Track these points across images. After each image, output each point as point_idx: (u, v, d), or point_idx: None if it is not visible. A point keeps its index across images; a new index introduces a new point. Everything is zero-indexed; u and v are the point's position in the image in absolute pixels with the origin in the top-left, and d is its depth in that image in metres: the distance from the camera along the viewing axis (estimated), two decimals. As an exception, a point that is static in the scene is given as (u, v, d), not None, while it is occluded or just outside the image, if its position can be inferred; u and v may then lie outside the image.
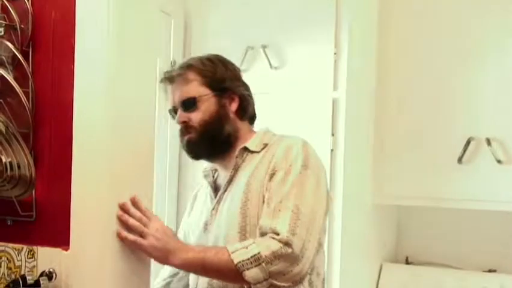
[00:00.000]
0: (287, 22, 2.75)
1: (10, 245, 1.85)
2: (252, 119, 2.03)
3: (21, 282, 1.72)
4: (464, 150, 2.73)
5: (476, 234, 3.03)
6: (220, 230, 1.87)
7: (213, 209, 1.93)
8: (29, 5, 1.80)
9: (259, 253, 1.67)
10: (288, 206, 1.74)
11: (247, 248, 1.70)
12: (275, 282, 1.69)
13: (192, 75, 1.91)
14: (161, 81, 1.99)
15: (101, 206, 1.72)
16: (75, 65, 1.73)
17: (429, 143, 2.82)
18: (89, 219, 1.72)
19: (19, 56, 1.79)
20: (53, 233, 1.79)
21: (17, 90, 1.78)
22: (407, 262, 3.15)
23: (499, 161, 2.66)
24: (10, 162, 1.77)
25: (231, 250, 1.71)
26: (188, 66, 1.93)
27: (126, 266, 1.76)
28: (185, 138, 1.92)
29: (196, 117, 1.89)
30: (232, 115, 1.94)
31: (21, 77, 1.80)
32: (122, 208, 1.72)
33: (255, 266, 1.67)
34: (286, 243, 1.68)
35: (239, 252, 1.69)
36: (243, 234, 1.81)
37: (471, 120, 2.75)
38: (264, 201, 1.79)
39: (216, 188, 2.00)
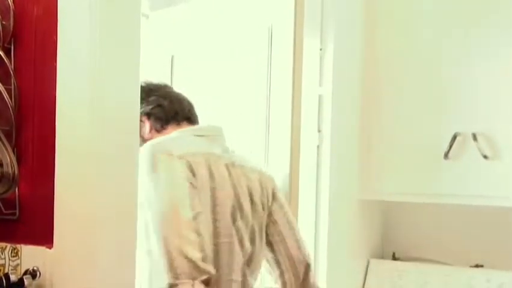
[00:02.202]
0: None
1: (-7, 243, 1.84)
2: (175, 118, 2.05)
3: (4, 281, 1.71)
4: (450, 146, 2.73)
5: (463, 229, 3.04)
6: None
7: None
8: (10, 1, 1.79)
9: None
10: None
11: None
12: None
13: None
14: None
15: (85, 203, 1.71)
16: (58, 62, 1.72)
17: (415, 139, 2.82)
18: (73, 217, 1.71)
19: (1, 53, 1.77)
20: (37, 231, 1.78)
21: (-1, 87, 1.77)
22: (394, 258, 3.15)
23: (485, 156, 2.66)
24: (-7, 160, 1.76)
25: None
26: None
27: (110, 264, 1.75)
28: None
29: None
30: (148, 137, 1.99)
31: (3, 74, 1.79)
32: None
33: None
34: None
35: None
36: None
37: (457, 116, 2.75)
38: None
39: None
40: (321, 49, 2.64)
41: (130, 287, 1.83)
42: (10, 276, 1.73)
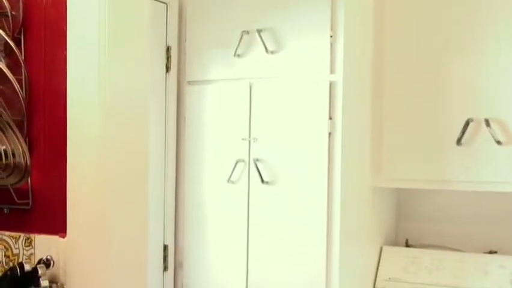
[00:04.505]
0: (282, 5, 2.73)
1: (7, 233, 1.86)
2: None
3: (18, 270, 1.72)
4: (463, 132, 2.72)
5: (476, 215, 3.03)
6: None
7: None
8: (19, -10, 1.79)
9: None
10: None
11: None
12: None
13: None
14: None
15: (96, 192, 1.71)
16: (67, 51, 1.73)
17: (428, 125, 2.81)
18: (85, 205, 1.72)
19: (11, 43, 1.78)
20: (50, 220, 1.80)
21: (10, 77, 1.77)
22: (407, 245, 3.14)
23: (498, 142, 2.64)
24: (5, 151, 1.76)
25: None
26: None
27: (123, 252, 1.76)
28: None
29: None
30: None
31: (13, 65, 1.80)
32: None
33: None
34: None
35: None
36: None
37: (470, 101, 2.73)
38: None
39: None
40: (331, 36, 2.62)
41: (141, 275, 1.84)
42: (24, 265, 1.74)
